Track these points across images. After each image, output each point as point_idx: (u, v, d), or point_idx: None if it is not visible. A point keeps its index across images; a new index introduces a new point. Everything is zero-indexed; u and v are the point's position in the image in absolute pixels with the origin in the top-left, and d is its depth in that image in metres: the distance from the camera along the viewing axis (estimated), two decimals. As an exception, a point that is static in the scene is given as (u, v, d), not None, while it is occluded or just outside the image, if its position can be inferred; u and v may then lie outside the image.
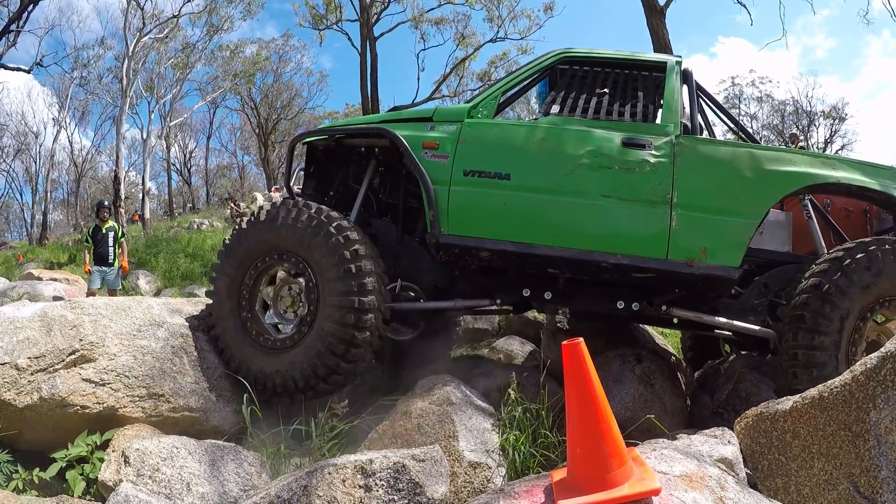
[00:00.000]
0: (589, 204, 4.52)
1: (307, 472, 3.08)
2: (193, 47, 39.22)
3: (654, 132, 4.66)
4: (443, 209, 4.63)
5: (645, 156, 4.55)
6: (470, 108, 4.89)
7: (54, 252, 26.39)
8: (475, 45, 39.38)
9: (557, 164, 4.61)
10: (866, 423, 2.86)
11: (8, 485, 3.70)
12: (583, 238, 4.52)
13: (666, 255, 4.44)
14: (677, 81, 4.99)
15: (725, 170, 4.59)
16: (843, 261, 4.22)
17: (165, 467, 3.42)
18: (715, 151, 4.69)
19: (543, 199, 4.57)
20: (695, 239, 4.44)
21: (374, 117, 5.58)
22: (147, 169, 37.98)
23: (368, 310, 4.37)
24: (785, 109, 48.68)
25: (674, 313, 4.80)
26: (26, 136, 49.09)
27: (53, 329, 4.30)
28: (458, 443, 3.81)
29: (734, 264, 4.44)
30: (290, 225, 4.59)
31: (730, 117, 5.89)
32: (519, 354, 7.01)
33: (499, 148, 4.71)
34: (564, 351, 2.41)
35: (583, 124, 4.75)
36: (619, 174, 4.53)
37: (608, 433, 2.35)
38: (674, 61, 5.13)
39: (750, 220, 4.50)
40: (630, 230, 4.50)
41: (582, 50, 5.30)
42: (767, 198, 4.57)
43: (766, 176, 4.58)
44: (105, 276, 12.19)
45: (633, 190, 4.50)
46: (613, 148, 4.58)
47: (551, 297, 4.88)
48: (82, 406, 4.00)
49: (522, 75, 5.20)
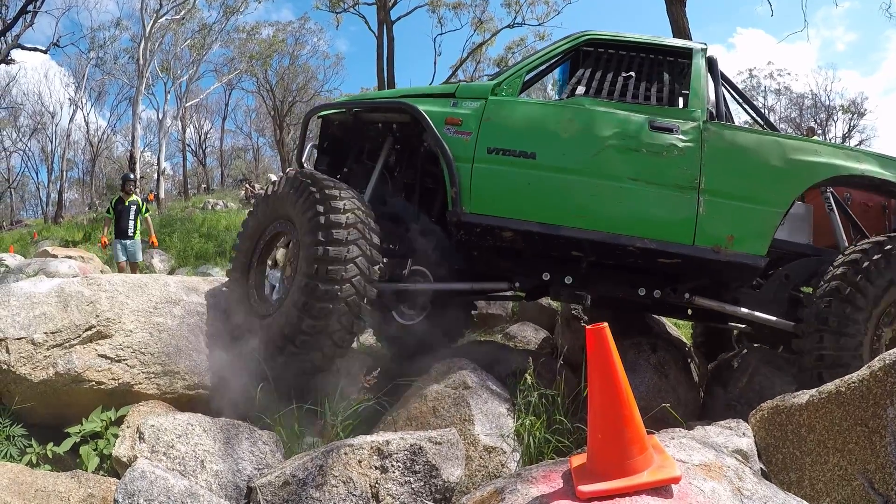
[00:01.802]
0: (616, 186, 4.47)
1: (323, 452, 3.08)
2: (210, 29, 39.24)
3: (682, 117, 4.62)
4: (465, 187, 4.56)
5: (673, 140, 4.51)
6: (494, 85, 4.82)
7: (69, 230, 26.50)
8: (492, 30, 39.18)
9: (584, 144, 4.55)
10: (883, 419, 2.84)
11: (22, 459, 3.72)
12: (610, 221, 4.47)
13: (693, 240, 4.41)
14: (703, 67, 4.93)
15: (752, 157, 4.56)
16: (863, 262, 4.18)
17: (180, 444, 3.43)
18: (742, 138, 4.64)
19: (570, 180, 4.51)
20: (722, 226, 4.42)
21: (393, 92, 5.56)
22: (162, 149, 38.02)
23: (335, 260, 4.07)
24: (803, 103, 48.27)
25: (696, 302, 4.76)
26: (43, 115, 49.33)
27: (70, 305, 4.31)
28: (473, 426, 3.80)
29: (760, 252, 4.43)
30: (283, 190, 4.59)
31: (752, 106, 5.83)
32: (533, 341, 7.01)
33: (524, 126, 4.64)
34: (589, 335, 2.39)
35: (610, 106, 4.68)
36: (646, 157, 4.48)
37: (630, 419, 2.33)
38: (699, 47, 5.08)
39: (776, 209, 4.48)
40: (657, 214, 4.46)
41: (607, 33, 5.21)
42: (794, 187, 4.55)
43: (792, 165, 4.55)
44: (127, 248, 12.30)
45: (660, 174, 4.46)
46: (641, 131, 4.53)
47: (572, 281, 4.82)
48: (97, 382, 4.02)
49: (547, 55, 5.10)
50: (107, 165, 56.57)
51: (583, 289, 4.84)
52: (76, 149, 53.70)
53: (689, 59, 5.06)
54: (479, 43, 39.56)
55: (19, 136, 50.30)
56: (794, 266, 4.83)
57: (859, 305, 4.11)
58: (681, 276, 4.76)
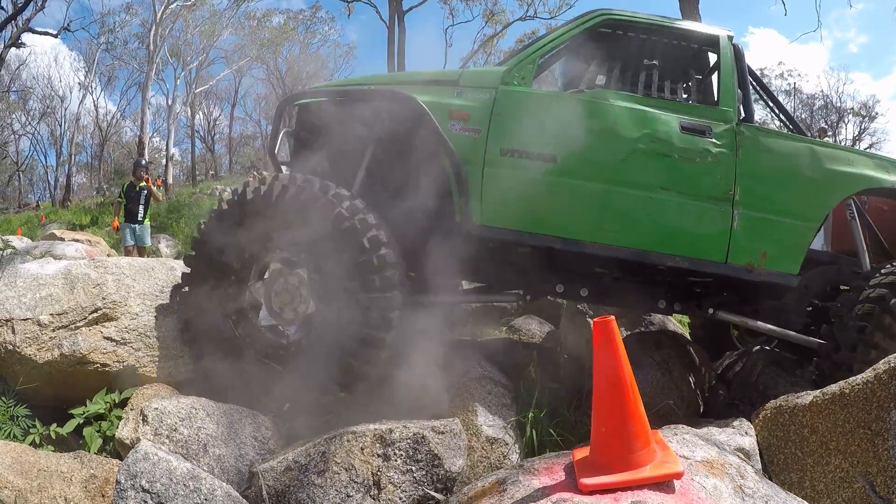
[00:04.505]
0: (646, 197, 4.04)
1: (325, 439, 3.09)
2: (221, 15, 39.21)
3: (714, 117, 4.19)
4: (475, 194, 4.01)
5: (706, 144, 4.09)
6: (504, 72, 4.21)
7: (77, 214, 26.64)
8: (504, 22, 39.20)
9: (611, 147, 4.08)
10: (886, 423, 2.85)
11: (25, 439, 3.73)
12: (639, 236, 4.07)
13: (726, 258, 4.07)
14: (733, 59, 4.44)
15: (788, 166, 4.21)
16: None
17: (183, 427, 3.43)
18: (777, 144, 4.29)
19: (596, 189, 4.05)
20: (756, 242, 4.09)
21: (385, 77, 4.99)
22: (171, 135, 38.11)
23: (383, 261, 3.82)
24: (814, 104, 48.13)
25: (720, 316, 4.46)
26: (52, 99, 49.24)
27: (76, 287, 4.32)
28: (476, 417, 3.79)
29: (793, 271, 4.14)
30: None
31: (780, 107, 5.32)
32: (538, 334, 6.99)
33: (542, 124, 4.07)
34: (595, 328, 2.38)
35: (636, 101, 4.20)
36: (678, 164, 4.06)
37: (634, 413, 2.33)
38: (726, 36, 4.54)
39: (810, 224, 4.18)
40: (690, 229, 4.08)
41: (626, 12, 4.59)
42: (828, 200, 4.26)
43: (828, 176, 4.24)
44: (135, 232, 12.46)
45: (693, 183, 4.07)
46: (672, 133, 4.10)
47: (588, 294, 4.39)
48: (102, 364, 4.03)
49: (561, 37, 4.44)
50: (115, 150, 56.56)
51: (600, 301, 4.56)
52: (85, 133, 53.71)
53: (714, 48, 4.61)
54: (491, 35, 39.58)
55: (28, 120, 50.30)
56: (813, 275, 4.55)
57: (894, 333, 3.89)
58: (706, 293, 4.50)
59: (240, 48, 42.92)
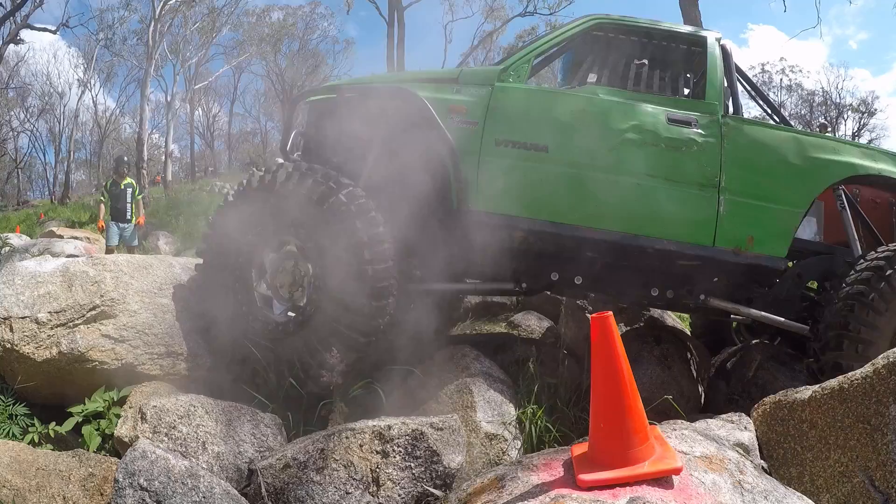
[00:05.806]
0: (634, 183, 4.25)
1: (324, 436, 3.09)
2: (219, 12, 39.13)
3: (700, 110, 4.43)
4: (471, 182, 4.26)
5: (692, 134, 4.32)
6: (500, 70, 4.49)
7: (75, 211, 26.64)
8: (503, 18, 39.02)
9: (600, 137, 4.30)
10: (885, 417, 2.85)
11: (24, 438, 3.74)
12: (628, 221, 4.27)
13: (713, 241, 4.26)
14: (719, 57, 4.70)
15: (772, 154, 4.40)
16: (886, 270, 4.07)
17: (182, 425, 3.43)
18: (762, 134, 4.48)
19: (585, 176, 4.27)
20: (742, 226, 4.28)
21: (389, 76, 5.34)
22: (170, 132, 38.01)
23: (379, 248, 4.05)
24: (814, 100, 48.08)
25: (711, 303, 4.58)
26: (51, 96, 49.11)
27: (75, 284, 4.31)
28: (475, 413, 3.79)
29: (780, 254, 4.32)
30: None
31: (766, 101, 5.59)
32: (537, 330, 6.98)
33: (535, 116, 4.36)
34: (593, 324, 2.38)
35: (624, 96, 4.46)
36: (665, 153, 4.28)
37: (633, 409, 2.33)
38: (714, 37, 4.83)
39: (796, 209, 4.35)
40: (677, 214, 4.26)
41: (616, 17, 4.92)
42: (814, 186, 4.42)
43: (812, 163, 4.42)
44: (122, 233, 12.31)
45: (679, 171, 4.28)
46: (659, 124, 4.32)
47: (582, 281, 4.54)
48: (101, 362, 4.03)
49: (555, 39, 4.77)
50: (114, 147, 56.45)
51: (594, 289, 4.66)
52: (84, 130, 53.65)
53: (702, 48, 4.83)
54: (490, 31, 39.48)
55: (27, 117, 50.26)
56: (807, 264, 4.67)
57: (881, 311, 4.01)
58: (696, 277, 4.58)
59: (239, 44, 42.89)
